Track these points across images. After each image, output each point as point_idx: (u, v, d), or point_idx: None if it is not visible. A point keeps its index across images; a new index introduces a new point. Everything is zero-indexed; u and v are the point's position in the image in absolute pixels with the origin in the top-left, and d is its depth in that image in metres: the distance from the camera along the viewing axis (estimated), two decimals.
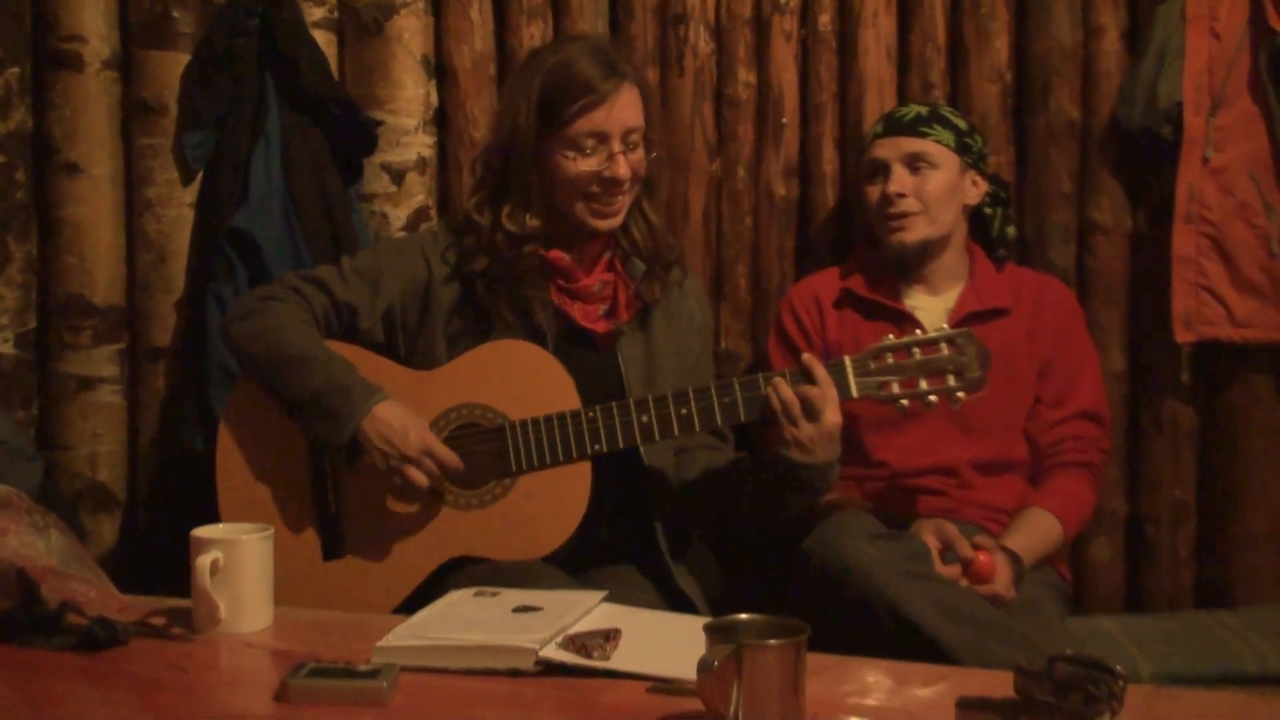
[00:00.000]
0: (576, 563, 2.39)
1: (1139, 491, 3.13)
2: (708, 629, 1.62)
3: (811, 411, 2.29)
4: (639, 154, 2.47)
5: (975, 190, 2.83)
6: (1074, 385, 2.78)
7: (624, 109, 2.44)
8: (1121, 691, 1.60)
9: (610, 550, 2.49)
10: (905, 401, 2.30)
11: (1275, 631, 2.78)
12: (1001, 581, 2.45)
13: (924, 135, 2.77)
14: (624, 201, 2.48)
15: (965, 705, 1.60)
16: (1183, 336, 3.02)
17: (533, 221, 2.47)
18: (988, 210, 2.88)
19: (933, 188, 2.75)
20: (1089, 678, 1.57)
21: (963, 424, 2.67)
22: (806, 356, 2.33)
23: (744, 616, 1.65)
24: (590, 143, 2.43)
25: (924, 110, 2.82)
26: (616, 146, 2.43)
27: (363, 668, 1.76)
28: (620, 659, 1.81)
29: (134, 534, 3.07)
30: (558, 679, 1.79)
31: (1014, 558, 2.51)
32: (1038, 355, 2.78)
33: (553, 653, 1.82)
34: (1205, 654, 2.70)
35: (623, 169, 2.43)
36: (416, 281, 2.52)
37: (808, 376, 2.30)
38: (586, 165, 2.43)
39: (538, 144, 2.46)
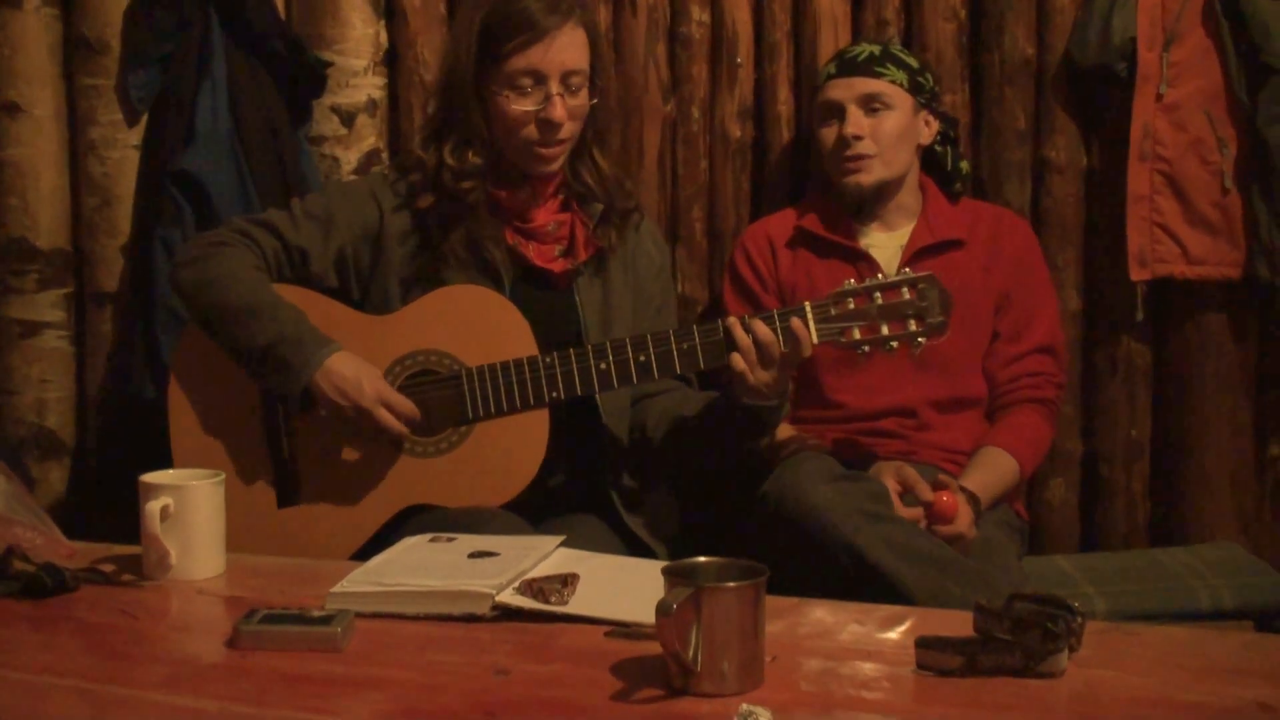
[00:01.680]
0: (534, 511, 2.37)
1: (1094, 430, 3.14)
2: (666, 572, 1.60)
3: (767, 359, 2.27)
4: (580, 99, 2.42)
5: (928, 130, 2.82)
6: (1032, 318, 2.78)
7: (564, 49, 2.38)
8: (1080, 628, 1.61)
9: (568, 499, 2.47)
10: (866, 348, 2.28)
11: (1228, 568, 2.81)
12: (963, 522, 2.46)
13: (878, 75, 2.75)
14: (562, 147, 2.43)
15: (925, 645, 1.61)
16: (1137, 275, 3.02)
17: (475, 159, 2.42)
18: (938, 148, 2.87)
19: (888, 129, 2.73)
20: (1048, 615, 1.58)
21: (921, 361, 2.66)
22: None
23: (703, 559, 1.64)
24: (527, 81, 2.38)
25: (876, 50, 2.79)
26: (554, 88, 2.37)
27: (316, 613, 1.75)
28: (578, 603, 1.80)
29: (83, 482, 3.04)
30: (514, 624, 1.77)
31: (972, 497, 2.52)
32: (995, 288, 2.77)
33: (510, 598, 1.80)
34: (1160, 591, 2.72)
35: (558, 112, 2.37)
36: (368, 224, 2.48)
37: (768, 322, 2.28)
38: (522, 106, 2.38)
39: (478, 79, 2.41)
